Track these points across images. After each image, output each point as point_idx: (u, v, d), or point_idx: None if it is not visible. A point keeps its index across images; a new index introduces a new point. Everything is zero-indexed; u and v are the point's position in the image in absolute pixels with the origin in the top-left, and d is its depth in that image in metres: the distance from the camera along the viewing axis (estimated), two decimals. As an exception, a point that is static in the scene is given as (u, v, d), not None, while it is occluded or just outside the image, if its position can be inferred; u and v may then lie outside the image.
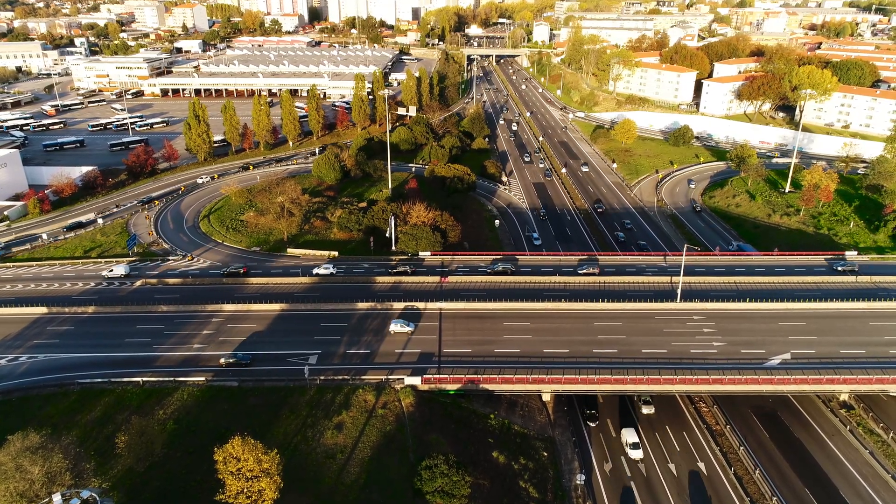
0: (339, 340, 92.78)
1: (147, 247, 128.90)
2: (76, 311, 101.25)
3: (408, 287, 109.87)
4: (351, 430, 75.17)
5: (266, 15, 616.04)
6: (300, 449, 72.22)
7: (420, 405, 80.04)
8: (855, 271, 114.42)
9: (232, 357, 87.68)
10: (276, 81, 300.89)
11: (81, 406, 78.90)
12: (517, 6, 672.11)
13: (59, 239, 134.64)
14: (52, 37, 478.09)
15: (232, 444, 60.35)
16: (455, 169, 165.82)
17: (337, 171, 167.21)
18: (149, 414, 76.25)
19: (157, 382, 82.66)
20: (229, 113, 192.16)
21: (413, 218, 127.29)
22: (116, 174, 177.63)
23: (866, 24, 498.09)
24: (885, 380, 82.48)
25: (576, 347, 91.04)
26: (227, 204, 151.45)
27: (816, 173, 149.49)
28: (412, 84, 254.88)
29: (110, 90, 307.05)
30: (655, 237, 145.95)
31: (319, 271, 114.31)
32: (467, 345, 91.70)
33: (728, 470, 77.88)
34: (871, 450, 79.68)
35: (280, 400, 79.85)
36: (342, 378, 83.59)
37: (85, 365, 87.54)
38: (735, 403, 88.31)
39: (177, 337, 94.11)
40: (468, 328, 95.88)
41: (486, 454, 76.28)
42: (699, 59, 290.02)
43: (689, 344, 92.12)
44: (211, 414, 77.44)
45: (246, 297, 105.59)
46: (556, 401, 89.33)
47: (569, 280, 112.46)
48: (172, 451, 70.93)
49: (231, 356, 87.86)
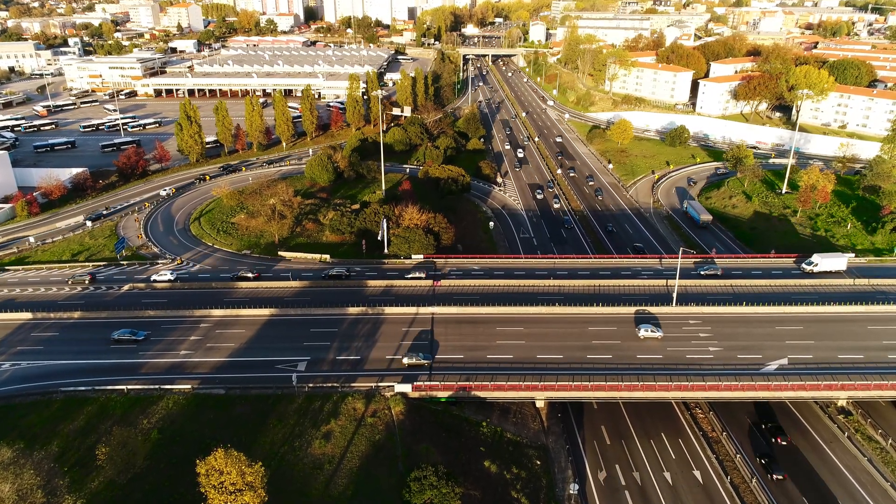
0: (329, 346, 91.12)
1: (136, 250, 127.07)
2: (62, 317, 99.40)
3: (399, 291, 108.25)
4: (339, 439, 73.55)
5: (261, 14, 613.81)
6: (287, 459, 70.58)
7: (410, 413, 78.46)
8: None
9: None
10: (271, 81, 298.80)
11: (64, 415, 77.13)
12: (513, 6, 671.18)
13: (46, 242, 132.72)
14: (46, 36, 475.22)
15: (214, 457, 58.71)
16: (449, 170, 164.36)
17: (330, 173, 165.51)
18: (133, 423, 74.54)
19: (142, 390, 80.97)
20: (222, 113, 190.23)
21: (406, 220, 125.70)
22: (107, 176, 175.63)
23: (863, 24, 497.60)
24: (884, 386, 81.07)
25: (570, 353, 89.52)
26: (218, 206, 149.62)
27: (813, 174, 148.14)
28: (407, 84, 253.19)
29: (103, 90, 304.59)
30: (651, 239, 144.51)
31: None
32: (459, 350, 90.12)
33: (724, 478, 76.39)
34: (870, 457, 78.31)
35: (268, 408, 78.19)
36: (331, 385, 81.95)
37: (69, 372, 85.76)
38: (731, 410, 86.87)
39: (163, 343, 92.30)
40: (460, 333, 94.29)
41: (477, 463, 74.72)
42: (695, 59, 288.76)
43: (685, 349, 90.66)
44: (196, 423, 75.73)
45: (235, 301, 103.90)
46: (550, 407, 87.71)
47: (563, 283, 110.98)
48: (155, 462, 69.18)
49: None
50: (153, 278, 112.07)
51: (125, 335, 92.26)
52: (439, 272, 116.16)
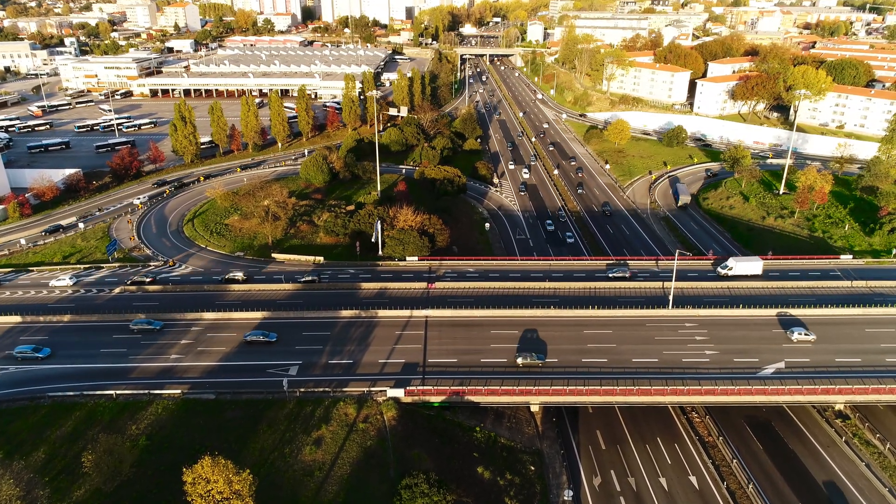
0: (322, 350, 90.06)
1: (128, 252, 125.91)
2: (51, 321, 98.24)
3: (393, 294, 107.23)
4: (330, 445, 72.52)
5: (259, 14, 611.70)
6: (277, 466, 69.53)
7: (403, 418, 77.42)
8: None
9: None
10: (267, 82, 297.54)
11: (51, 421, 75.95)
12: (511, 5, 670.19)
13: (38, 244, 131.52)
14: (43, 36, 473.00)
15: (201, 465, 57.75)
16: (445, 171, 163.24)
17: (325, 174, 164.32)
18: (121, 429, 73.44)
19: (131, 395, 79.78)
20: (217, 114, 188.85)
21: (400, 222, 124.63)
22: (101, 176, 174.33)
23: (861, 23, 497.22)
24: (882, 390, 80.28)
25: (564, 356, 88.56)
26: (212, 207, 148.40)
27: (811, 174, 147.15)
28: (404, 84, 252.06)
29: (99, 90, 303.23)
30: (648, 240, 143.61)
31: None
32: (453, 354, 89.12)
33: (721, 484, 75.53)
34: (868, 462, 77.44)
35: (258, 413, 77.13)
36: (323, 390, 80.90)
37: (58, 377, 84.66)
38: (728, 413, 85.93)
39: (154, 347, 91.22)
40: (454, 337, 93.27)
41: (470, 469, 73.71)
42: (693, 59, 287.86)
43: (681, 352, 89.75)
44: (185, 429, 74.64)
45: (227, 304, 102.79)
46: (545, 411, 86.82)
47: (559, 286, 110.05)
48: (143, 469, 68.09)
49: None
50: (51, 283, 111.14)
51: (258, 336, 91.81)
52: (434, 274, 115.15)
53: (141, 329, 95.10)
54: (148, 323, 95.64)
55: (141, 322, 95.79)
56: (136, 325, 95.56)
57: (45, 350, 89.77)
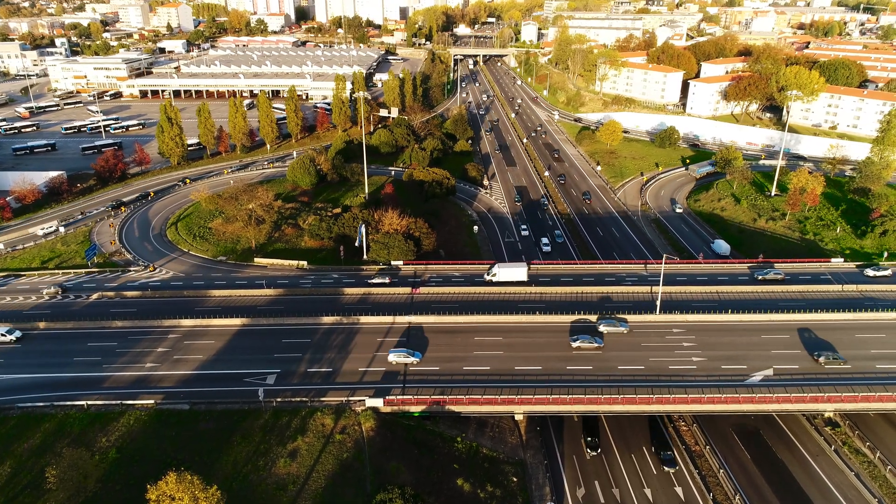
0: (301, 358, 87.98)
1: (108, 257, 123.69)
2: (25, 328, 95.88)
3: (376, 299, 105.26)
4: (306, 457, 70.49)
5: (252, 14, 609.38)
6: (250, 479, 67.47)
7: (381, 429, 75.41)
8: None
9: None
10: (258, 82, 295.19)
11: (19, 433, 73.72)
12: (506, 5, 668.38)
13: (16, 249, 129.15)
14: (34, 37, 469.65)
15: (166, 481, 55.74)
16: (434, 173, 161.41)
17: (312, 176, 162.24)
18: (91, 441, 71.33)
19: (103, 406, 77.60)
20: (204, 115, 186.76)
21: (385, 226, 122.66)
22: (86, 179, 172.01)
23: (855, 24, 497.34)
24: (871, 398, 78.54)
25: (549, 364, 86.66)
26: (196, 210, 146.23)
27: (803, 176, 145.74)
28: (395, 85, 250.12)
29: (88, 91, 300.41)
30: (638, 243, 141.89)
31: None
32: (435, 362, 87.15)
33: (707, 496, 73.70)
34: (857, 471, 75.73)
35: (233, 424, 75.00)
36: (300, 400, 78.83)
37: (29, 387, 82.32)
38: (716, 422, 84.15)
39: (129, 355, 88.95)
40: (437, 343, 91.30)
41: (449, 482, 71.76)
42: (686, 59, 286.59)
43: (668, 359, 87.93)
44: (157, 441, 72.49)
45: (206, 311, 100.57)
46: (529, 420, 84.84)
47: (545, 290, 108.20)
48: (111, 484, 65.95)
49: None
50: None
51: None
52: (419, 279, 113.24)
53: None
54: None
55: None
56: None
57: (419, 354, 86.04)
